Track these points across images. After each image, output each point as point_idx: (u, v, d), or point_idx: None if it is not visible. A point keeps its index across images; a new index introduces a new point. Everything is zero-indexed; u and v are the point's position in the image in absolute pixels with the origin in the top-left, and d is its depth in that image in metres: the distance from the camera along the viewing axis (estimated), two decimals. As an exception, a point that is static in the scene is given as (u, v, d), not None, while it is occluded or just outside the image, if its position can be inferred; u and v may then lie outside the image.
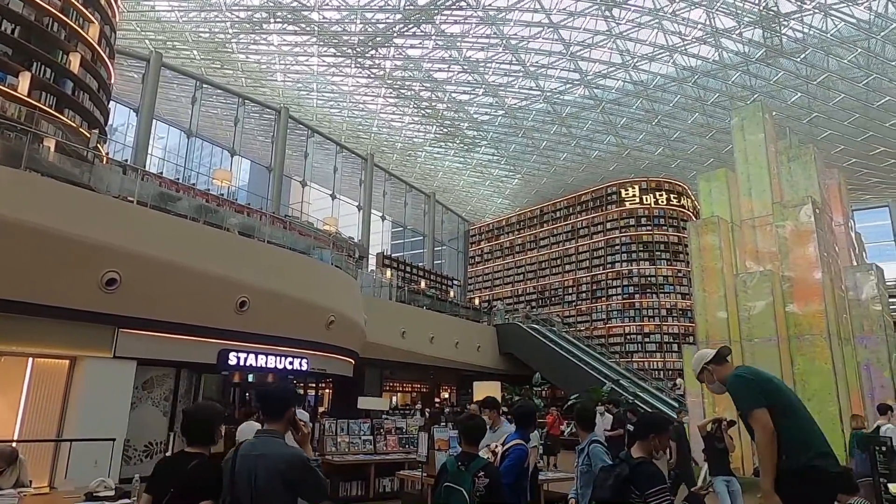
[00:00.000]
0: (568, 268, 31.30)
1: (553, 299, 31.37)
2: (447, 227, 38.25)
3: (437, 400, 24.48)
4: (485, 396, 6.19)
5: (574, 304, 30.37)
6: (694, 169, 28.06)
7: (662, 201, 29.59)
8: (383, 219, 33.92)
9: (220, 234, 11.97)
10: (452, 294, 30.01)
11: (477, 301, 32.34)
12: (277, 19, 21.21)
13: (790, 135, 14.45)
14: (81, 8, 12.75)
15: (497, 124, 28.68)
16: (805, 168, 11.69)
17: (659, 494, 2.87)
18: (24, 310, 8.32)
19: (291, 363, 12.74)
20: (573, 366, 22.17)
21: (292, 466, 2.48)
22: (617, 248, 29.47)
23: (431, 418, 15.51)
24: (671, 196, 29.82)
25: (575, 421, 4.40)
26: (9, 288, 8.10)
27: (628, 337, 27.91)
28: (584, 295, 30.15)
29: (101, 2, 13.54)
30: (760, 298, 10.37)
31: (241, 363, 11.69)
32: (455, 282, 33.52)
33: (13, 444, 6.16)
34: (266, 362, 12.20)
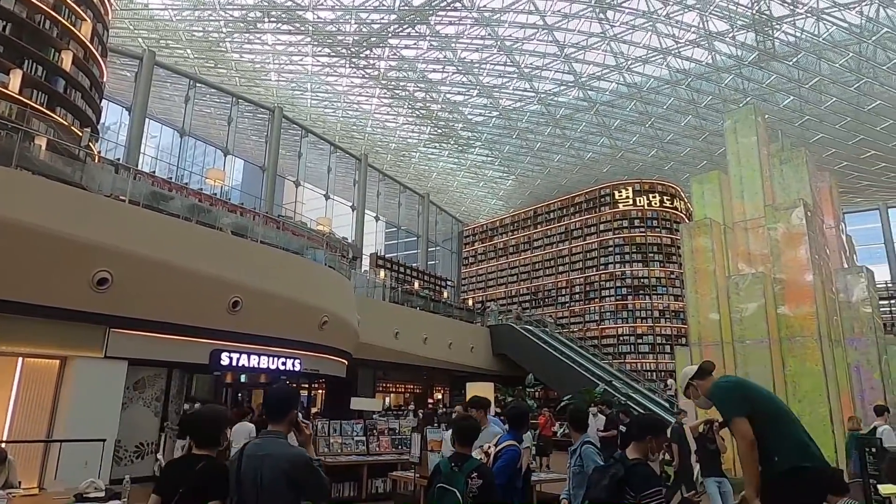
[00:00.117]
0: (561, 269, 31.37)
1: (546, 300, 31.41)
2: (441, 227, 38.22)
3: (430, 401, 24.46)
4: (471, 396, 6.20)
5: (567, 305, 30.44)
6: (687, 171, 28.19)
7: (655, 203, 29.71)
8: (377, 219, 33.88)
9: (212, 234, 11.92)
10: (446, 295, 29.99)
11: (470, 302, 32.36)
12: (271, 19, 21.14)
13: (782, 138, 14.54)
14: (74, 6, 12.68)
15: (491, 125, 28.69)
16: (797, 171, 11.74)
17: (654, 497, 2.88)
18: (14, 309, 8.26)
19: (284, 364, 12.71)
20: (566, 367, 22.20)
21: (296, 466, 2.57)
22: (610, 249, 29.56)
23: (425, 419, 15.49)
24: (664, 198, 29.95)
25: (568, 422, 4.41)
26: (-2, 287, 8.04)
27: (621, 338, 27.99)
28: (577, 296, 30.21)
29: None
30: (752, 300, 10.41)
31: (234, 363, 11.65)
32: (449, 282, 33.51)
33: (2, 445, 6.12)
34: (259, 363, 12.17)
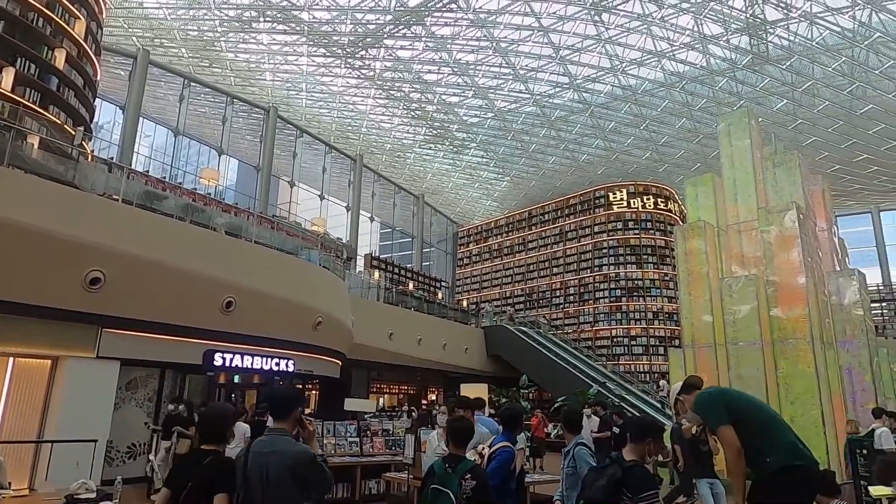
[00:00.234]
0: (556, 270, 31.40)
1: (541, 302, 31.44)
2: (436, 228, 38.22)
3: (425, 402, 24.43)
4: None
5: (561, 306, 30.48)
6: (681, 173, 28.31)
7: (650, 205, 29.80)
8: (372, 220, 33.83)
9: (206, 234, 11.87)
10: (440, 296, 29.98)
11: (465, 303, 32.35)
12: (267, 18, 21.09)
13: (776, 141, 14.65)
14: (67, 4, 12.61)
15: (486, 127, 28.71)
16: (790, 174, 11.80)
17: (650, 499, 2.89)
18: (5, 309, 8.20)
19: (278, 364, 12.67)
20: (560, 368, 22.22)
21: (300, 462, 2.73)
22: (604, 251, 29.62)
23: (419, 420, 15.45)
24: (658, 200, 30.05)
25: (561, 423, 4.42)
26: (-10, 286, 7.98)
27: (615, 340, 28.04)
28: (571, 298, 30.25)
29: (88, -2, 13.41)
30: (745, 302, 10.46)
31: (227, 364, 11.60)
32: (443, 283, 33.50)
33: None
34: (252, 363, 12.12)
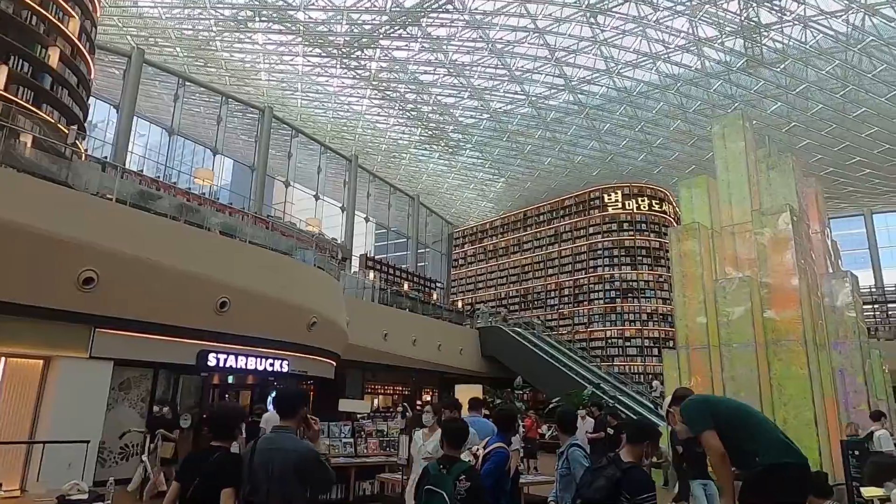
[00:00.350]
0: (551, 272, 31.47)
1: (536, 303, 31.50)
2: (431, 229, 38.20)
3: (419, 403, 24.40)
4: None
5: (556, 307, 30.54)
6: (675, 175, 28.38)
7: (644, 207, 29.91)
8: (367, 220, 33.80)
9: (201, 234, 11.83)
10: (435, 296, 29.99)
11: (460, 304, 32.36)
12: (262, 18, 21.05)
13: (769, 143, 14.68)
14: (61, 2, 12.55)
15: (482, 128, 28.73)
16: (784, 176, 11.86)
17: (648, 500, 2.90)
18: (-3, 308, 8.14)
19: (272, 364, 12.63)
20: (555, 369, 22.26)
21: (304, 459, 2.84)
22: (599, 252, 29.71)
23: (413, 420, 15.42)
24: (653, 202, 30.16)
25: (556, 424, 4.42)
26: (-19, 286, 7.91)
27: (609, 341, 28.11)
28: (566, 299, 30.32)
29: (82, -4, 13.35)
30: (739, 304, 10.49)
31: (221, 364, 11.55)
32: (438, 284, 33.51)
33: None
34: (246, 364, 12.08)
